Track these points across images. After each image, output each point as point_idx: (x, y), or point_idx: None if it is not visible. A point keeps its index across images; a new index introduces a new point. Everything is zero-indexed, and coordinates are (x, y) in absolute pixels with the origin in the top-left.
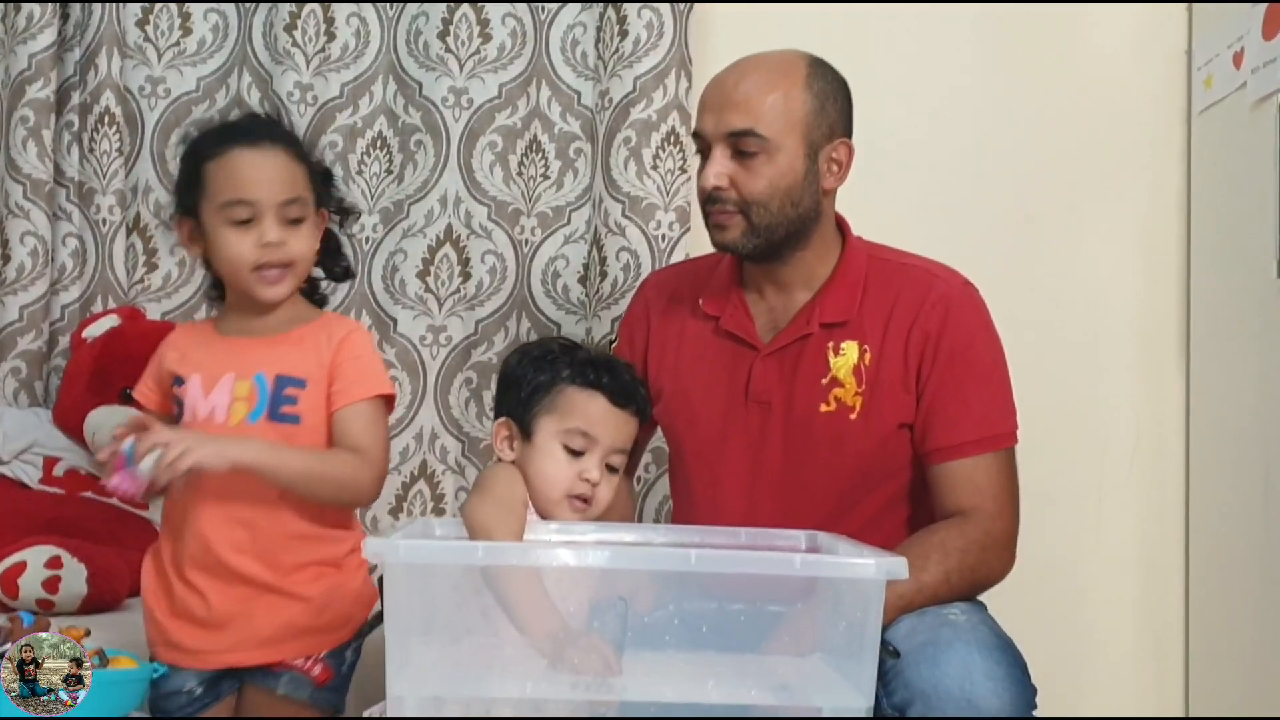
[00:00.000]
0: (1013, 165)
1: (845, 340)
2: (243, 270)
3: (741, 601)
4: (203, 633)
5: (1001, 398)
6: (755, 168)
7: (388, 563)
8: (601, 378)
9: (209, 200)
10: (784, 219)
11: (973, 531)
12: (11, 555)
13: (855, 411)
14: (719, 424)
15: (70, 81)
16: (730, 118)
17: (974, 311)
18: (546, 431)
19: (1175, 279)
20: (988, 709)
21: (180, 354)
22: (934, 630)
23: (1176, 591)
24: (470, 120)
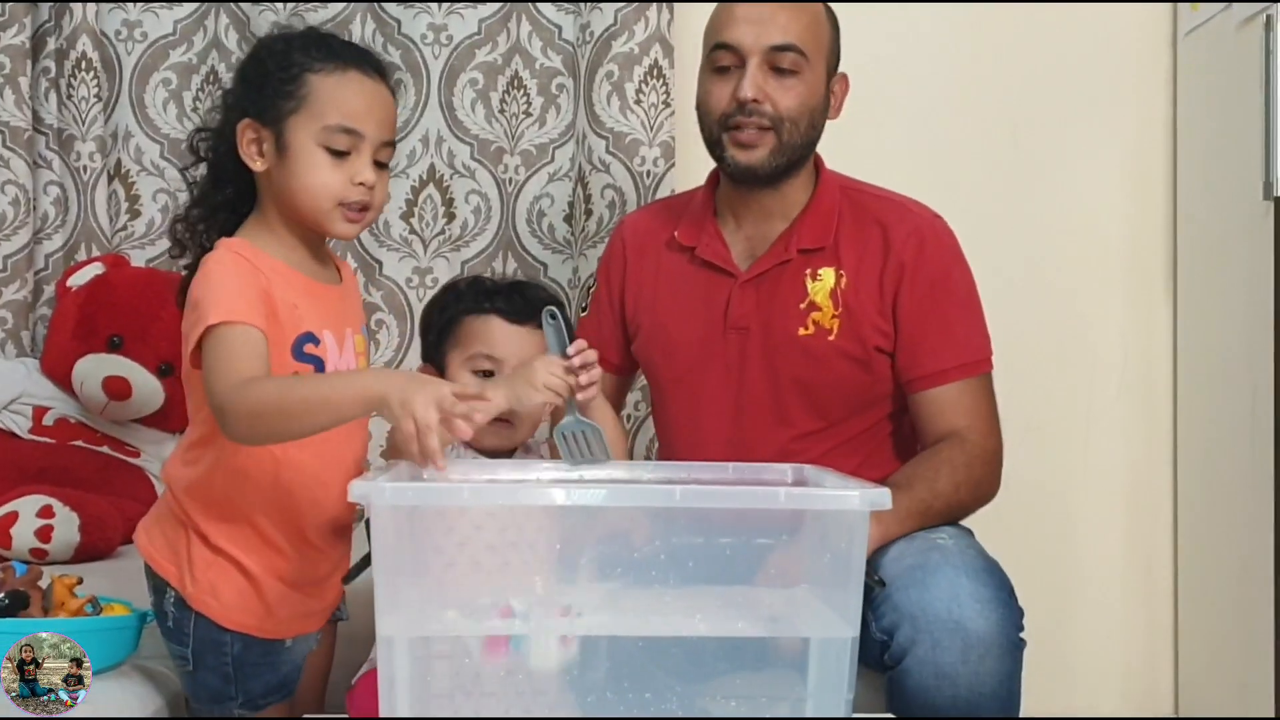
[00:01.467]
0: (998, 90)
1: (822, 266)
2: (324, 199)
3: (729, 535)
4: (323, 589)
5: (979, 325)
6: (791, 85)
7: (374, 505)
8: (494, 302)
9: (308, 115)
10: (805, 140)
11: (972, 449)
12: (3, 505)
13: (833, 333)
14: (697, 352)
15: (45, 27)
16: (773, 32)
17: (948, 242)
18: (454, 364)
19: (1162, 203)
20: (975, 630)
21: (292, 299)
22: (922, 554)
23: (1165, 516)
24: (450, 57)
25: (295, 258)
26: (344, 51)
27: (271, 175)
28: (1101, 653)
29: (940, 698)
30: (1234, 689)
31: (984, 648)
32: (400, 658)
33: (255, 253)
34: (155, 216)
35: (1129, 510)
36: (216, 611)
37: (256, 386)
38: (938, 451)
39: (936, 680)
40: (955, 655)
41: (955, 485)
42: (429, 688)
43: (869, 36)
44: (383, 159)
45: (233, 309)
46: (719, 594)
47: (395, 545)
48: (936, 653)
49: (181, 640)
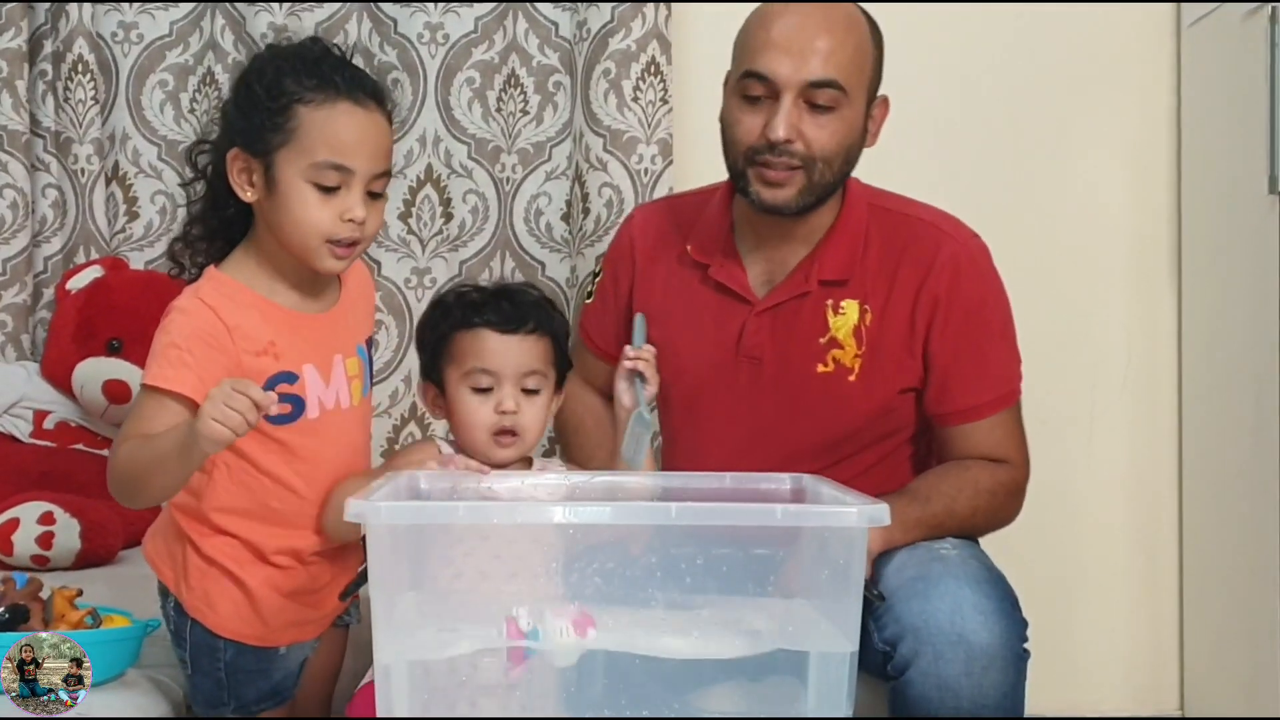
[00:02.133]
0: (999, 82)
1: (845, 299)
2: (312, 237)
3: (727, 546)
4: (320, 598)
5: (1012, 353)
6: (826, 123)
7: (370, 524)
8: (483, 314)
9: (296, 150)
10: (838, 178)
11: (1002, 475)
12: (4, 513)
13: (854, 374)
14: (706, 377)
15: (42, 30)
16: (813, 65)
17: (984, 268)
18: (453, 381)
19: (1166, 195)
20: (978, 642)
21: (264, 342)
22: (924, 565)
23: (1169, 512)
24: (447, 56)
25: (280, 289)
26: (335, 79)
27: (261, 206)
28: (1106, 650)
29: (943, 710)
30: (1239, 686)
31: (987, 660)
32: (398, 680)
33: (233, 289)
34: (154, 218)
35: (1133, 505)
36: (210, 619)
37: (118, 451)
38: (967, 468)
39: (939, 693)
40: (958, 668)
41: (974, 510)
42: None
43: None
44: (376, 189)
45: (165, 374)
46: (718, 605)
47: (392, 564)
48: (939, 665)
49: (181, 644)
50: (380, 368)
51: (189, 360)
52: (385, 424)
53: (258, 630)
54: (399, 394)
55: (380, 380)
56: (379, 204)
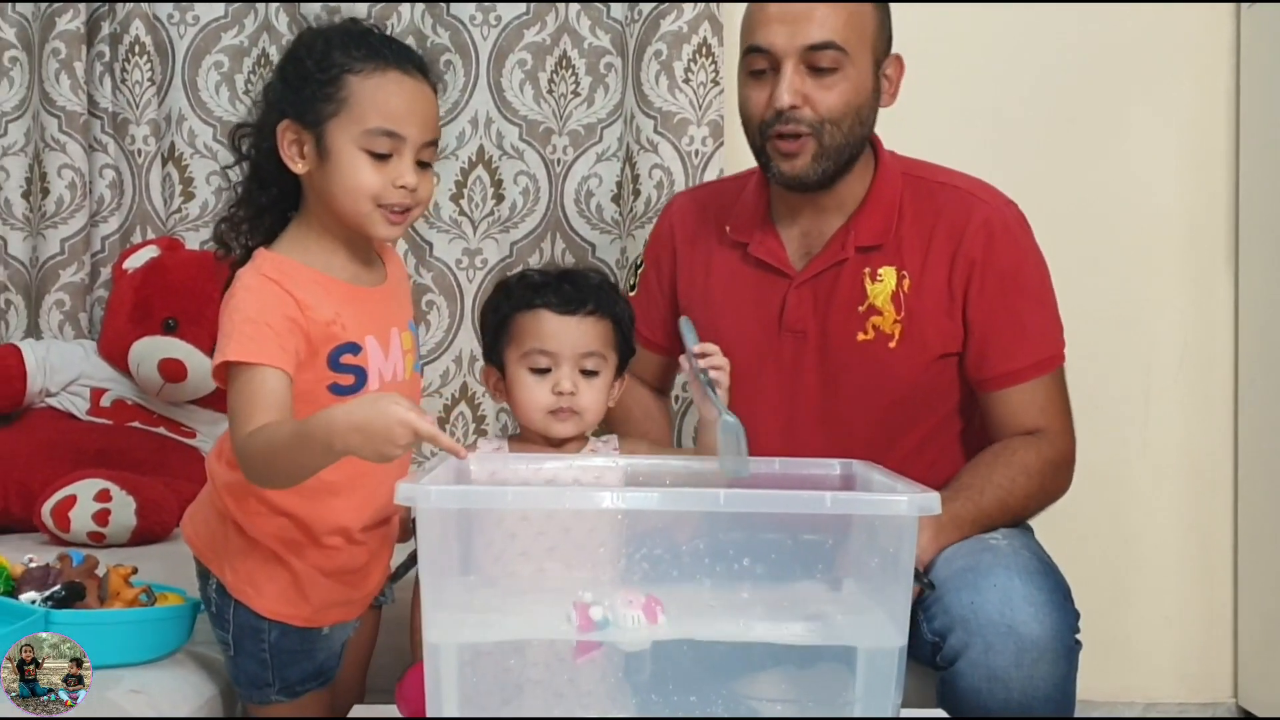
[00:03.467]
0: (1054, 64)
1: (882, 265)
2: (365, 203)
3: (775, 531)
4: (362, 577)
5: (1053, 318)
6: (832, 84)
7: (419, 508)
8: (542, 295)
9: (349, 119)
10: (852, 139)
11: (1048, 451)
12: (62, 489)
13: (895, 340)
14: (752, 355)
15: (99, 12)
16: (808, 30)
17: (1019, 233)
18: (512, 362)
19: (1224, 179)
20: (1029, 634)
21: (330, 314)
22: (974, 556)
23: (1224, 499)
24: (499, 38)
25: (337, 263)
26: (384, 50)
27: (313, 177)
28: (1160, 636)
29: (993, 701)
30: None
31: (1038, 651)
32: (448, 662)
33: (292, 267)
34: (209, 199)
35: (1188, 491)
36: (254, 601)
37: (257, 439)
38: (1014, 453)
39: (989, 683)
40: (1008, 659)
41: (1028, 497)
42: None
43: (923, 16)
44: (425, 158)
45: (248, 348)
46: (766, 592)
47: (441, 547)
48: (989, 656)
49: (224, 626)
50: (431, 348)
51: (268, 333)
52: (436, 404)
53: (304, 612)
54: (450, 374)
55: (431, 360)
56: (428, 173)
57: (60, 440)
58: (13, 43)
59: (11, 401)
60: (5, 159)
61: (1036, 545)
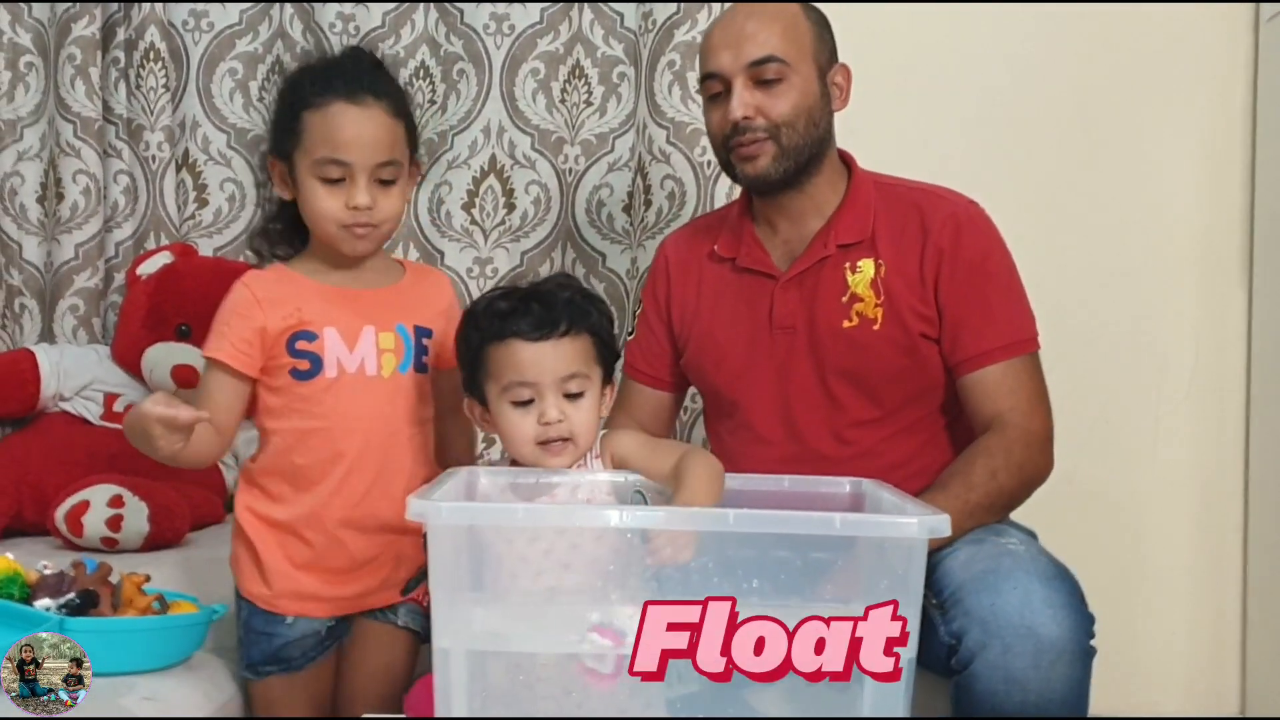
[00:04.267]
0: (1072, 77)
1: (861, 258)
2: (329, 225)
3: (784, 550)
4: (340, 579)
5: (1021, 305)
6: (779, 92)
7: (431, 524)
8: (512, 323)
9: (303, 151)
10: (808, 139)
11: (1012, 432)
12: (75, 495)
13: (878, 322)
14: (746, 355)
15: (115, 18)
16: (748, 48)
17: (983, 225)
18: (493, 396)
19: (1239, 194)
20: (1048, 636)
21: (291, 308)
22: (994, 559)
23: (1235, 514)
24: (512, 47)
25: (323, 270)
26: (335, 82)
27: (297, 204)
28: (1168, 651)
29: (1009, 703)
30: None
31: (1056, 653)
32: (457, 672)
33: (280, 273)
34: (222, 205)
35: (1197, 507)
36: (237, 577)
37: None
38: (975, 445)
39: (1006, 685)
40: (1027, 660)
41: (991, 473)
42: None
43: (940, 28)
44: (385, 177)
45: (209, 346)
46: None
47: (452, 562)
48: (1008, 658)
49: None
50: None
51: (224, 331)
52: None
53: (263, 593)
54: None
55: None
56: (391, 190)
57: (73, 445)
58: (29, 48)
59: (25, 406)
60: (21, 164)
61: (1050, 553)
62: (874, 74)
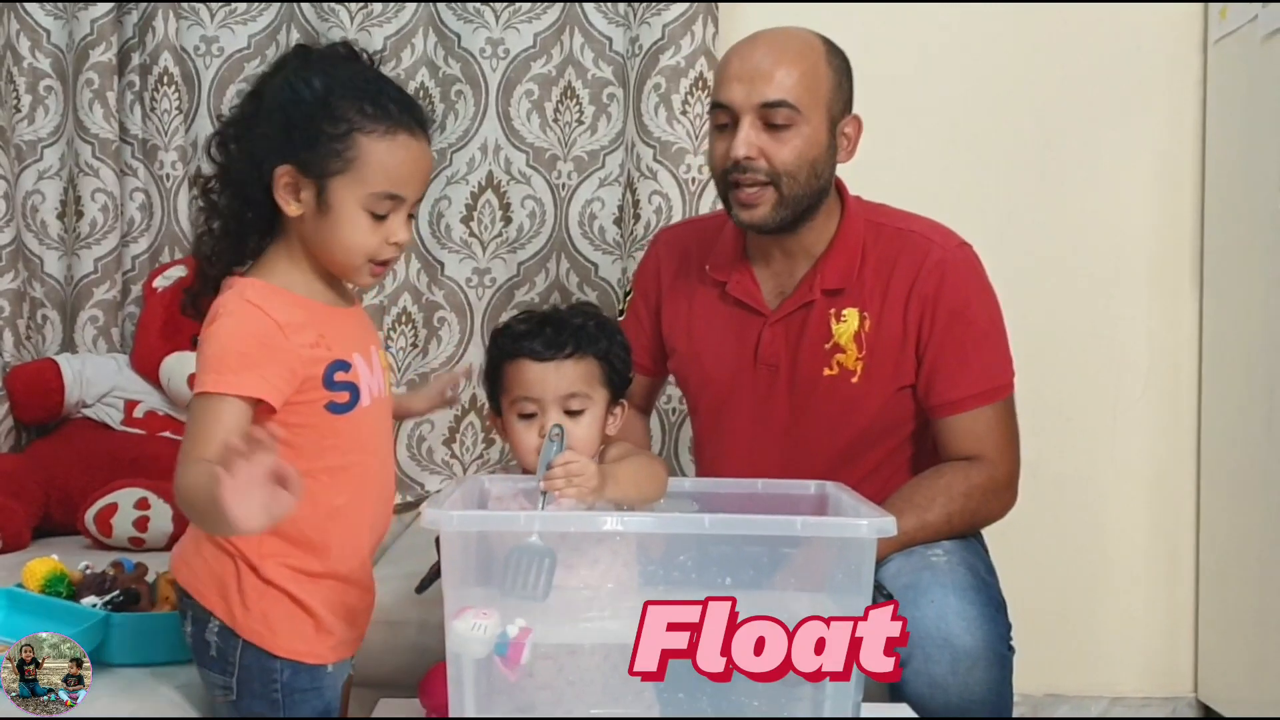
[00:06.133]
0: (1030, 93)
1: (846, 307)
2: (358, 258)
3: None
4: (355, 618)
5: (998, 352)
6: (786, 139)
7: (443, 530)
8: (524, 343)
9: (356, 179)
10: (809, 190)
11: (976, 476)
12: (104, 497)
13: (857, 375)
14: (728, 385)
15: (130, 44)
16: (764, 89)
17: (969, 273)
18: (505, 408)
19: (1190, 204)
20: (962, 645)
21: (313, 334)
22: (916, 573)
23: (1188, 507)
24: (507, 70)
25: (316, 288)
26: (390, 108)
27: (306, 222)
28: (1125, 634)
29: (934, 705)
30: (1250, 670)
31: (971, 660)
32: (468, 668)
33: (273, 292)
34: None
35: (1153, 499)
36: (267, 639)
37: (184, 474)
38: (940, 474)
39: (930, 690)
40: (945, 668)
41: (947, 517)
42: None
43: (902, 43)
44: (414, 211)
45: (222, 380)
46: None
47: (462, 564)
48: (929, 665)
49: (225, 669)
50: (442, 362)
51: (248, 361)
52: (446, 414)
53: (315, 649)
54: (459, 387)
55: (443, 373)
56: (411, 223)
57: (97, 449)
58: (48, 73)
59: (51, 413)
60: (41, 183)
61: (975, 560)
62: None
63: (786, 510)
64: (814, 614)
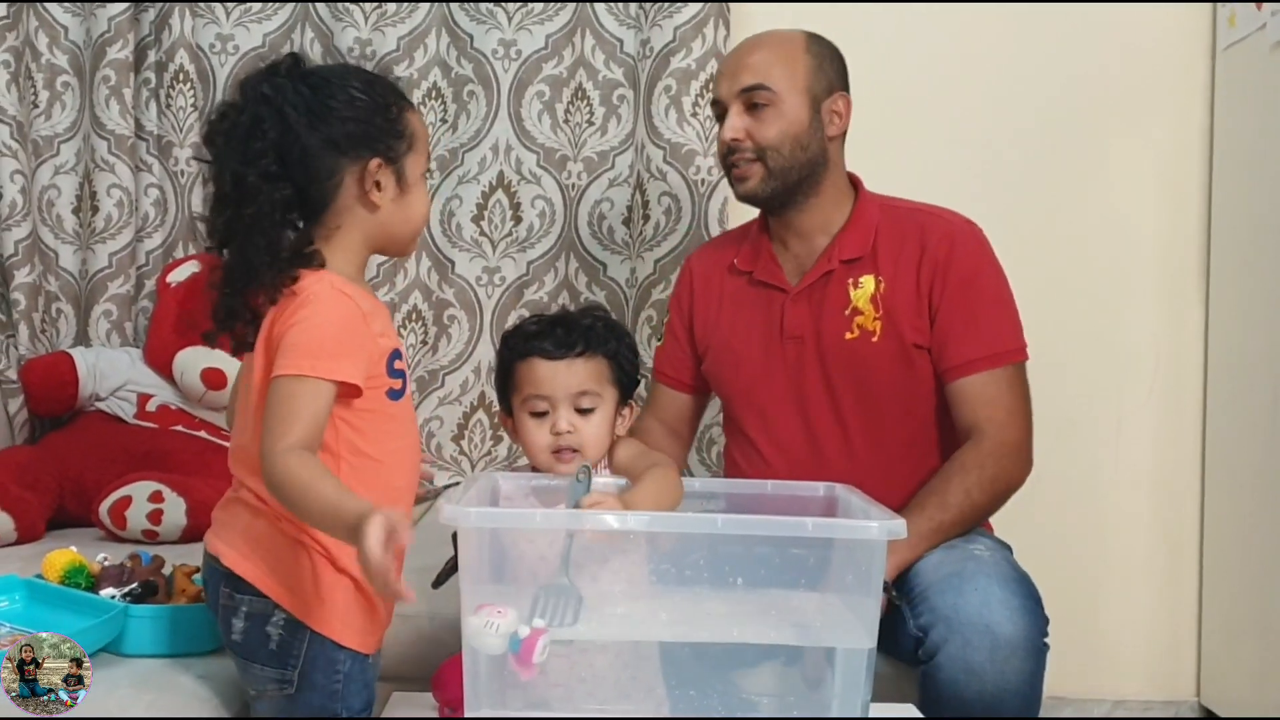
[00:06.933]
0: (1038, 98)
1: (863, 275)
2: (420, 226)
3: (766, 546)
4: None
5: (1008, 318)
6: (766, 118)
7: (461, 526)
8: (535, 343)
9: (418, 152)
10: (795, 162)
11: (986, 444)
12: (118, 490)
13: (876, 335)
14: (760, 363)
15: (146, 41)
16: (742, 76)
17: (977, 243)
18: (516, 407)
19: (1197, 210)
20: (1003, 633)
21: (381, 324)
22: (960, 563)
23: (1191, 511)
24: (519, 71)
25: (363, 279)
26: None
27: (384, 207)
28: (1128, 638)
29: (968, 692)
30: (1252, 675)
31: (1010, 649)
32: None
33: (349, 285)
34: None
35: (1157, 503)
36: (336, 629)
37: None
38: (952, 460)
39: (965, 676)
40: (984, 654)
41: (965, 491)
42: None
43: (910, 48)
44: None
45: (319, 365)
46: (758, 598)
47: (478, 560)
48: (967, 651)
49: (285, 663)
50: (452, 359)
51: (343, 348)
52: (455, 411)
53: (368, 638)
54: (469, 384)
55: (452, 370)
56: None
57: (110, 442)
58: (65, 69)
59: (65, 405)
60: (58, 178)
61: (1014, 560)
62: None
63: (795, 511)
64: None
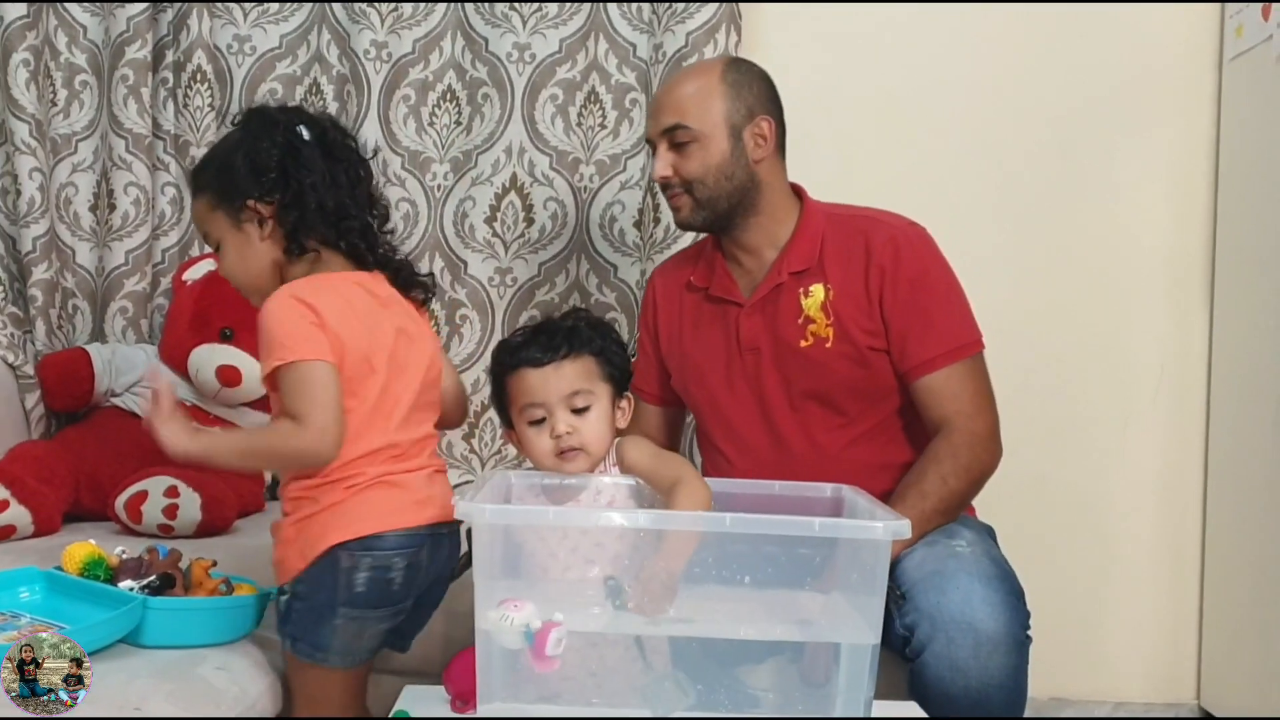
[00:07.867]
0: (1045, 106)
1: (812, 284)
2: None
3: (774, 545)
4: None
5: (960, 312)
6: (690, 154)
7: (475, 522)
8: (521, 353)
9: None
10: (721, 191)
11: (957, 436)
12: (134, 485)
13: (829, 341)
14: (723, 374)
15: (164, 41)
16: (662, 117)
17: (922, 244)
18: (516, 420)
19: (1203, 219)
20: (985, 630)
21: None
22: (941, 561)
23: (1194, 515)
24: (533, 74)
25: None
26: None
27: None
28: (1130, 641)
29: (954, 688)
30: (1253, 679)
31: (992, 645)
32: (496, 654)
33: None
34: None
35: (1160, 508)
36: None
37: None
38: (926, 452)
39: (951, 672)
40: (967, 651)
41: (942, 479)
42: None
43: (918, 55)
44: None
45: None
46: (765, 596)
47: (491, 554)
48: (951, 648)
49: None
50: (464, 358)
51: None
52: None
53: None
54: (480, 382)
55: (465, 370)
56: None
57: (125, 438)
58: (84, 68)
59: (81, 401)
60: (75, 176)
61: (996, 552)
62: (858, 101)
63: (803, 512)
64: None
